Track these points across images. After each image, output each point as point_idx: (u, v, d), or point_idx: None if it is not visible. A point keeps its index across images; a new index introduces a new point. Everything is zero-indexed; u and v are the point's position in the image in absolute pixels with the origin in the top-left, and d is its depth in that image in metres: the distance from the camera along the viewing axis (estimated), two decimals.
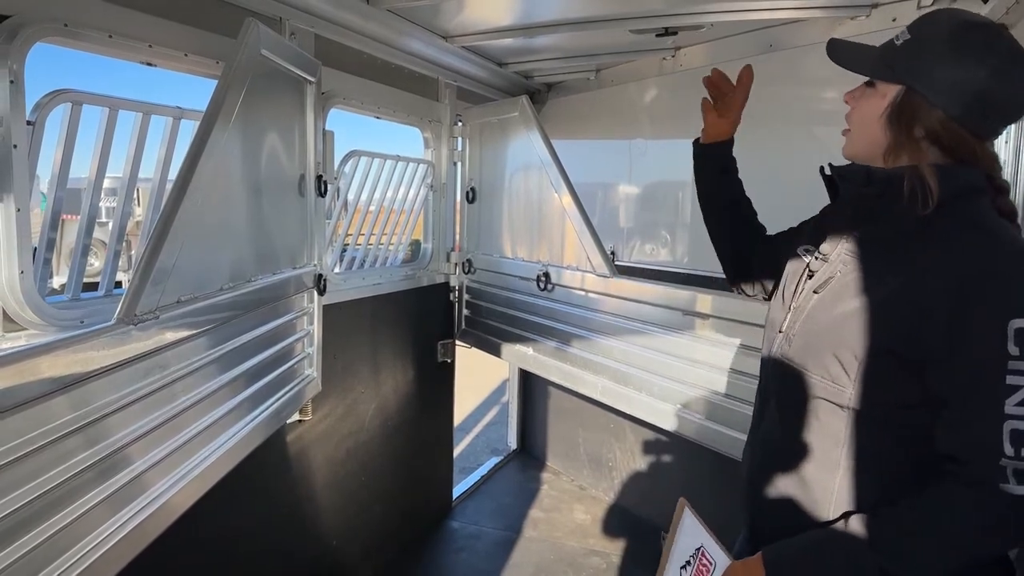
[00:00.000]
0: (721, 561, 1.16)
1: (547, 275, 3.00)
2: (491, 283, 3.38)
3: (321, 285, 2.39)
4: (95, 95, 1.68)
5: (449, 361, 3.53)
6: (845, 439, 1.08)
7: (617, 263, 3.37)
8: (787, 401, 1.18)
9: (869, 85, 1.10)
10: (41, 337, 1.56)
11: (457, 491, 3.87)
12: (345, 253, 2.97)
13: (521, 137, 3.06)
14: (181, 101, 1.93)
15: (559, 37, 2.85)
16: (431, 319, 3.40)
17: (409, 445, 3.28)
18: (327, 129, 2.43)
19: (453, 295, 3.50)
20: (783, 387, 1.19)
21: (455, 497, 3.81)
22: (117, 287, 1.89)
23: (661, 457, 3.54)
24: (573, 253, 2.88)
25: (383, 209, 3.11)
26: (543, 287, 3.02)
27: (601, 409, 3.55)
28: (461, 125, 3.35)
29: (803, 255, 1.22)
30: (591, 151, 3.80)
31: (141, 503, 1.45)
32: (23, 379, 1.15)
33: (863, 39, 1.15)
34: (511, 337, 3.24)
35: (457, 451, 4.47)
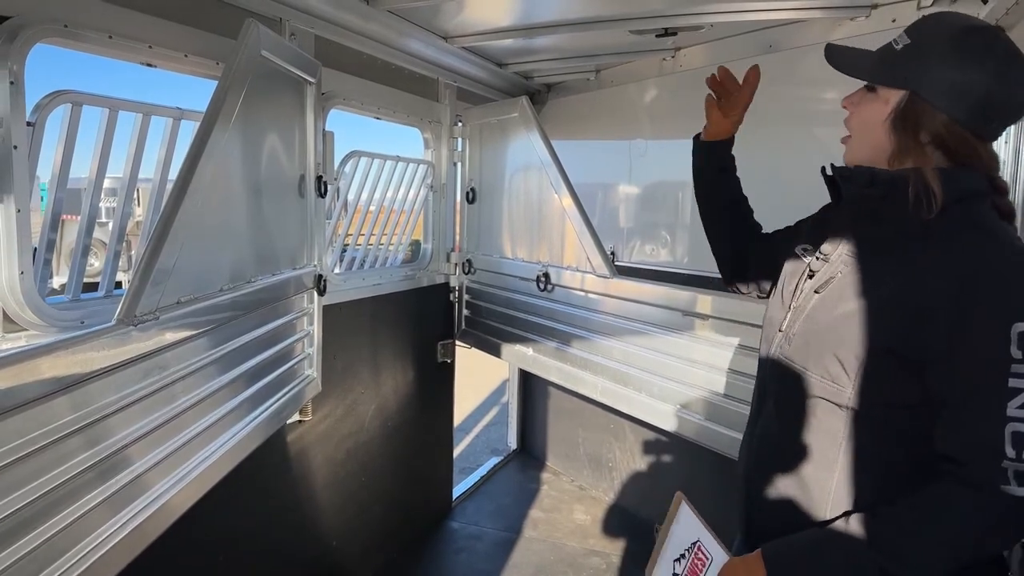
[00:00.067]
0: (719, 557, 1.16)
1: (547, 275, 3.00)
2: (491, 283, 3.38)
3: (321, 286, 2.40)
4: (95, 96, 1.68)
5: (449, 361, 3.53)
6: (843, 438, 1.08)
7: (617, 263, 3.38)
8: (785, 400, 1.18)
9: (870, 90, 1.10)
10: (41, 338, 1.56)
11: (457, 491, 3.87)
12: (345, 253, 2.97)
13: (521, 137, 3.06)
14: (181, 102, 1.93)
15: (559, 38, 2.86)
16: (431, 319, 3.40)
17: (409, 445, 3.28)
18: (327, 130, 2.43)
19: (453, 295, 3.51)
20: (782, 386, 1.20)
21: (455, 497, 3.81)
22: (117, 287, 1.89)
23: (661, 457, 3.54)
24: (573, 253, 2.88)
25: (383, 209, 3.11)
26: (543, 287, 3.02)
27: (601, 409, 3.55)
28: (461, 126, 3.36)
29: (802, 255, 1.23)
30: (591, 151, 3.81)
31: (141, 504, 1.46)
32: (23, 380, 1.15)
33: (862, 40, 1.16)
34: (511, 337, 3.25)
35: (457, 451, 4.47)
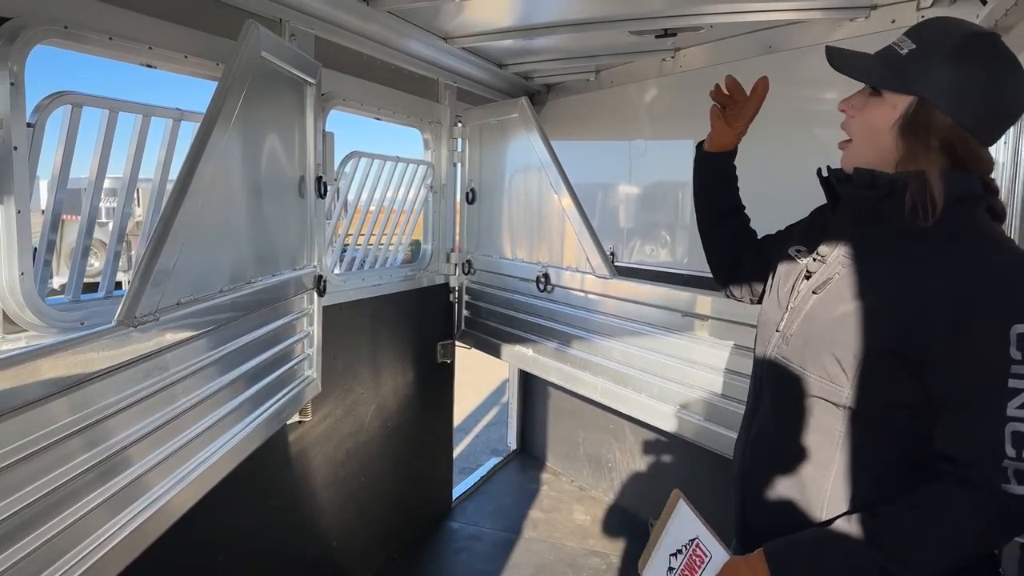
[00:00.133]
0: (718, 555, 1.15)
1: (547, 276, 3.00)
2: (491, 284, 3.38)
3: (321, 286, 2.40)
4: (95, 97, 1.68)
5: (449, 362, 3.53)
6: (840, 438, 1.09)
7: (617, 264, 3.38)
8: (782, 399, 1.19)
9: (874, 94, 1.09)
10: (41, 339, 1.56)
11: (457, 491, 3.87)
12: (345, 254, 2.97)
13: (521, 138, 3.06)
14: (181, 103, 1.93)
15: (559, 38, 2.86)
16: (431, 320, 3.40)
17: (409, 446, 3.28)
18: (327, 130, 2.43)
19: (453, 296, 3.51)
20: (778, 385, 1.20)
21: (455, 498, 3.81)
22: (117, 288, 1.89)
23: (661, 458, 3.54)
24: (573, 254, 2.88)
25: (383, 210, 3.11)
26: (543, 288, 3.02)
27: (601, 410, 3.55)
28: (461, 126, 3.36)
29: (796, 256, 1.23)
30: (591, 152, 3.81)
31: (141, 504, 1.46)
32: (24, 381, 1.15)
33: (862, 41, 1.16)
34: (511, 338, 3.25)
35: (457, 451, 4.48)
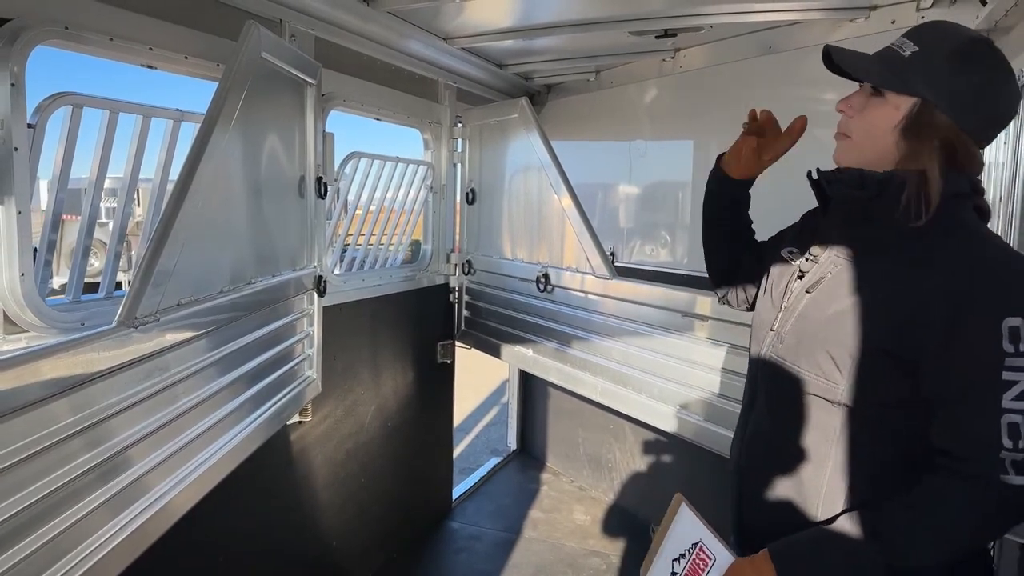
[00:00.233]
0: (722, 556, 1.16)
1: (547, 276, 3.00)
2: (491, 284, 3.38)
3: (321, 287, 2.40)
4: (96, 98, 1.68)
5: (449, 362, 3.53)
6: (836, 435, 1.10)
7: (617, 264, 3.38)
8: (778, 398, 1.20)
9: (876, 95, 1.09)
10: (42, 340, 1.56)
11: (457, 492, 3.88)
12: (345, 254, 2.97)
13: (521, 138, 3.06)
14: (181, 104, 1.94)
15: (559, 39, 2.86)
16: (431, 320, 3.40)
17: (409, 446, 3.28)
18: (327, 131, 2.43)
19: (453, 296, 3.51)
20: (774, 384, 1.21)
21: (455, 498, 3.81)
22: (117, 288, 1.89)
23: (661, 458, 3.54)
24: (573, 254, 2.88)
25: (383, 210, 3.11)
26: (543, 288, 3.02)
27: (600, 410, 3.56)
28: (461, 126, 3.36)
29: (789, 257, 1.25)
30: (591, 152, 3.81)
31: (142, 505, 1.46)
32: (24, 382, 1.15)
33: (862, 41, 1.16)
34: (511, 338, 3.25)
35: (457, 452, 4.48)
